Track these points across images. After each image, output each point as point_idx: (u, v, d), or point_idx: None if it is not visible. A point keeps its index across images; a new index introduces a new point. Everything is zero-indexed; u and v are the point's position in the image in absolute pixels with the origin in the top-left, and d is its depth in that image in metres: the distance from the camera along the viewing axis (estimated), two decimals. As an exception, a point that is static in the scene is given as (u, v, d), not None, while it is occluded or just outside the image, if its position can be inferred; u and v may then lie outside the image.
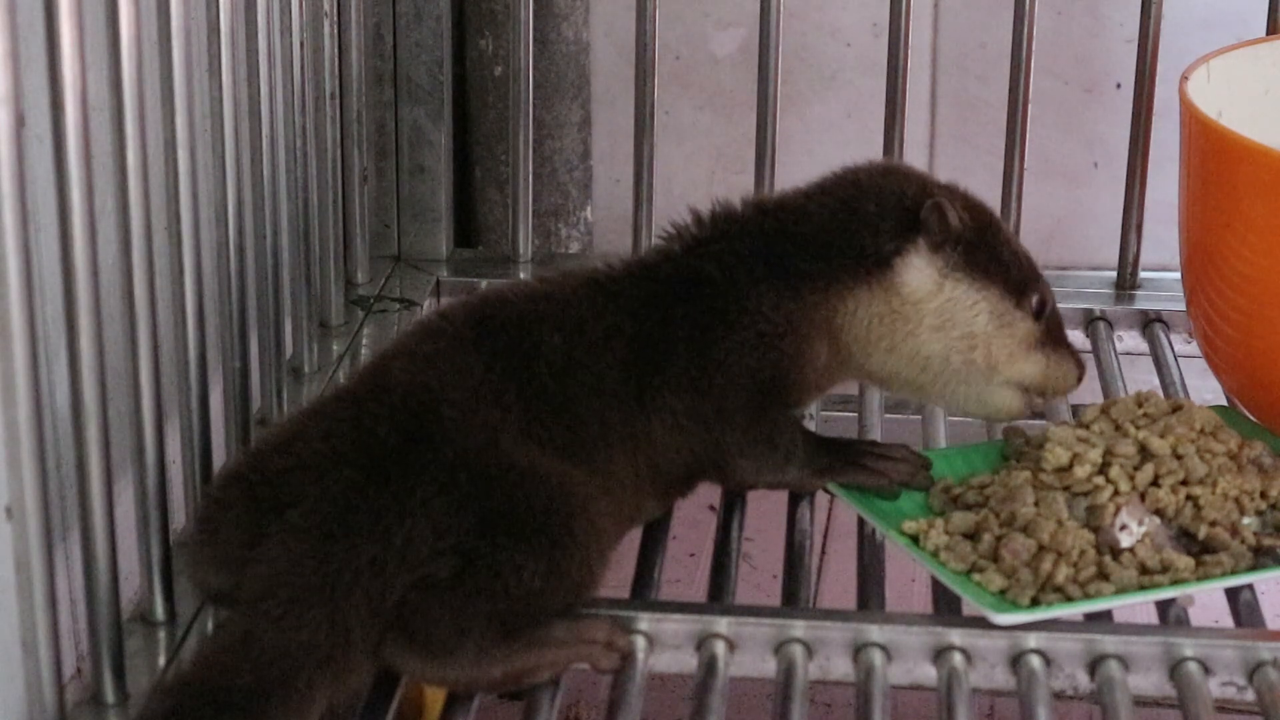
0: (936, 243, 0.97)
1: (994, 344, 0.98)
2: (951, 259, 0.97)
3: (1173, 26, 1.29)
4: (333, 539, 0.81)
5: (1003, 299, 0.98)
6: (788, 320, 0.95)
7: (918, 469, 0.98)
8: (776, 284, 0.96)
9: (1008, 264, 0.98)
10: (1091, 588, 0.88)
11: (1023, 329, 0.98)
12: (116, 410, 0.86)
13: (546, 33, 1.43)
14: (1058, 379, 1.00)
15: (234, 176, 1.01)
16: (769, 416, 0.95)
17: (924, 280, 0.97)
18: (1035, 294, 0.99)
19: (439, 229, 1.39)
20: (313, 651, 0.79)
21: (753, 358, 0.94)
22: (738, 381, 0.94)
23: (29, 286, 0.75)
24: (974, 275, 0.97)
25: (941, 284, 0.97)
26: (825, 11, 1.45)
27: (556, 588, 0.84)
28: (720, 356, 0.94)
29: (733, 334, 0.94)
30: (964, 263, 0.97)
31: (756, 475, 0.97)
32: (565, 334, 0.92)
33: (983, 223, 0.99)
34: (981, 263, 0.98)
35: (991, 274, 0.98)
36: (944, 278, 0.97)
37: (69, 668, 0.91)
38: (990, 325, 0.98)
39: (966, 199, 1.00)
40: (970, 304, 0.97)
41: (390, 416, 0.86)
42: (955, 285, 0.97)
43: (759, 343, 0.95)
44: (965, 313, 0.97)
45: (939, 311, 0.97)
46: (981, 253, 0.98)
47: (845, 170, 1.01)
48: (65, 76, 0.77)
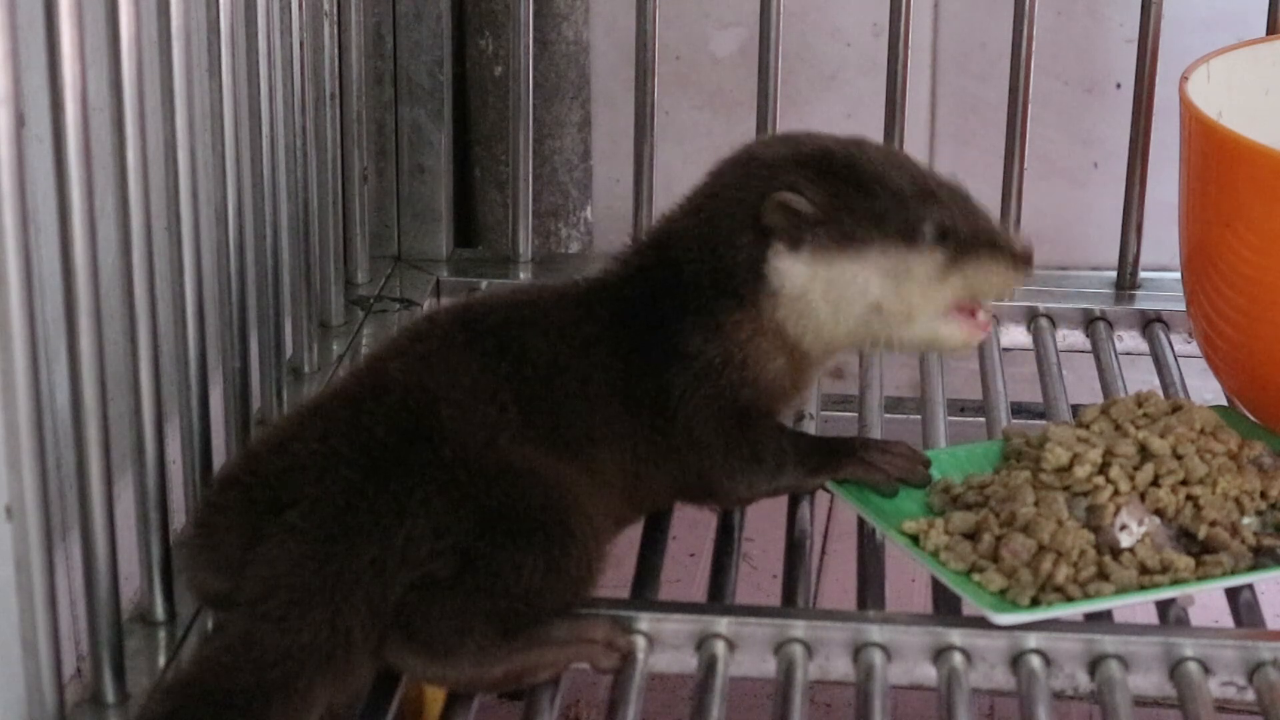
0: (791, 238, 0.93)
1: (899, 297, 0.94)
2: (815, 244, 0.93)
3: (1173, 26, 1.29)
4: (332, 540, 0.81)
5: (886, 252, 0.93)
6: (722, 350, 0.94)
7: (916, 465, 0.98)
8: (696, 317, 0.94)
9: (882, 214, 0.93)
10: (1091, 588, 0.88)
11: (923, 267, 0.93)
12: (116, 410, 0.86)
13: (546, 33, 1.43)
14: (989, 285, 0.95)
15: (234, 176, 1.01)
16: (747, 436, 0.95)
17: (796, 277, 0.93)
18: (925, 223, 0.93)
19: (439, 229, 1.39)
20: (313, 652, 0.79)
21: (706, 388, 0.94)
22: (702, 413, 0.94)
23: (29, 286, 0.75)
24: (845, 248, 0.93)
25: (815, 273, 0.93)
26: (825, 11, 1.45)
27: (556, 586, 0.84)
28: (679, 390, 0.93)
29: (683, 367, 0.93)
30: (829, 241, 0.93)
31: (751, 491, 0.96)
32: (550, 338, 0.92)
33: (845, 184, 0.93)
34: (849, 229, 0.93)
35: (865, 235, 0.93)
36: (815, 266, 0.93)
37: (69, 668, 0.91)
38: (885, 285, 0.93)
39: (827, 161, 0.94)
40: (851, 279, 0.93)
41: (388, 416, 0.86)
42: (830, 268, 0.93)
43: (707, 373, 0.94)
44: (853, 287, 0.93)
45: (828, 297, 0.94)
46: (846, 220, 0.93)
47: (713, 172, 0.98)
48: (65, 76, 0.77)
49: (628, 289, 0.96)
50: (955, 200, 0.95)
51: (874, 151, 0.96)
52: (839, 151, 0.95)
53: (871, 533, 0.97)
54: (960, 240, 0.94)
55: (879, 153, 0.96)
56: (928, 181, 0.95)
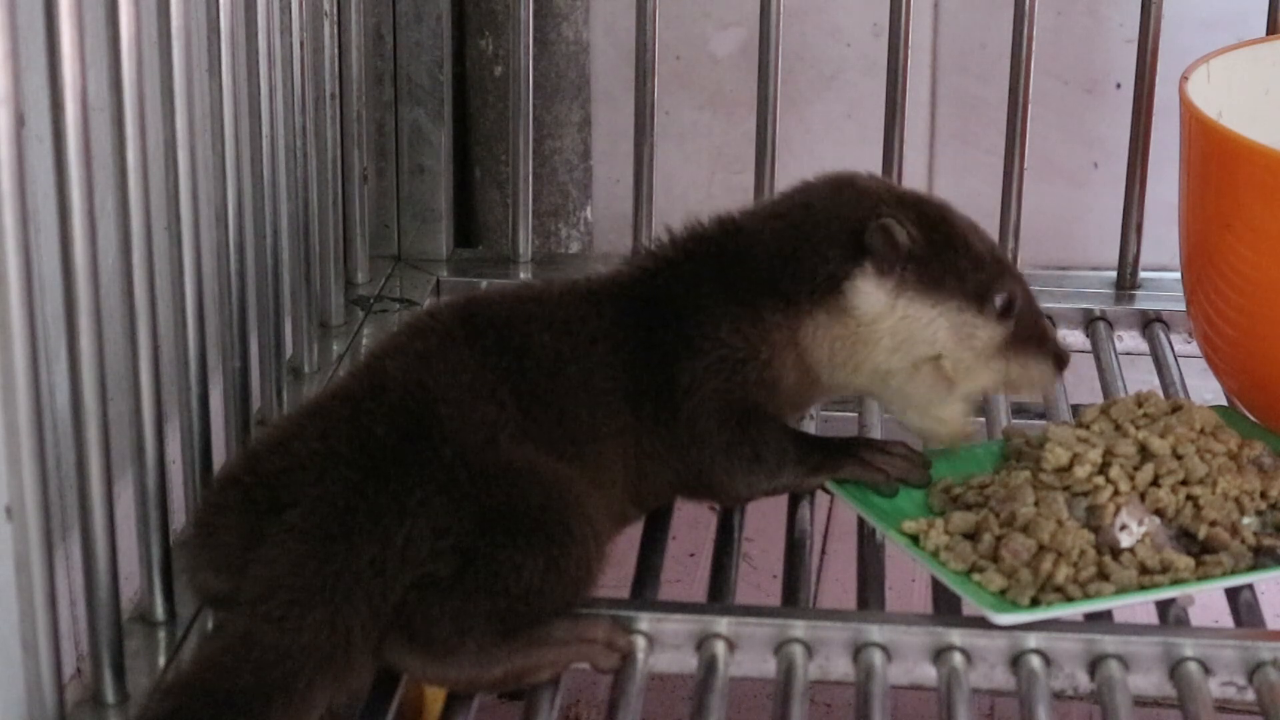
0: (884, 264, 0.94)
1: (955, 357, 0.96)
2: (902, 278, 0.95)
3: (1173, 26, 1.29)
4: (332, 540, 0.81)
5: (962, 310, 0.95)
6: (749, 344, 0.95)
7: (915, 465, 0.98)
8: (737, 308, 0.95)
9: (964, 272, 0.95)
10: (1091, 588, 0.88)
11: (985, 335, 0.96)
12: (116, 410, 0.86)
13: (546, 33, 1.43)
14: (1027, 381, 0.98)
15: (234, 176, 1.01)
16: (749, 433, 0.95)
17: (874, 303, 0.95)
18: (999, 294, 0.96)
19: (439, 229, 1.39)
20: (313, 653, 0.79)
21: (718, 381, 0.94)
22: (707, 406, 0.94)
23: (29, 286, 0.75)
24: (927, 291, 0.95)
25: (894, 305, 0.95)
26: (825, 11, 1.45)
27: (556, 585, 0.84)
28: (686, 382, 0.94)
29: (696, 359, 0.94)
30: (916, 280, 0.95)
31: (750, 489, 0.97)
32: (553, 333, 0.92)
33: (937, 233, 0.96)
34: (935, 276, 0.95)
35: (947, 286, 0.95)
36: (895, 298, 0.95)
37: (69, 668, 0.91)
38: (950, 339, 0.96)
39: (922, 207, 0.97)
40: (926, 322, 0.95)
41: (388, 416, 0.86)
42: (908, 304, 0.95)
43: (721, 367, 0.94)
44: (922, 331, 0.95)
45: (894, 331, 0.95)
46: (935, 266, 0.95)
47: (801, 187, 1.00)
48: (65, 76, 0.77)
49: (655, 281, 0.96)
50: (1021, 283, 0.98)
51: (959, 214, 0.99)
52: (932, 202, 0.98)
53: (871, 533, 0.97)
54: (1023, 323, 0.97)
55: (963, 217, 0.99)
56: (1002, 256, 0.99)
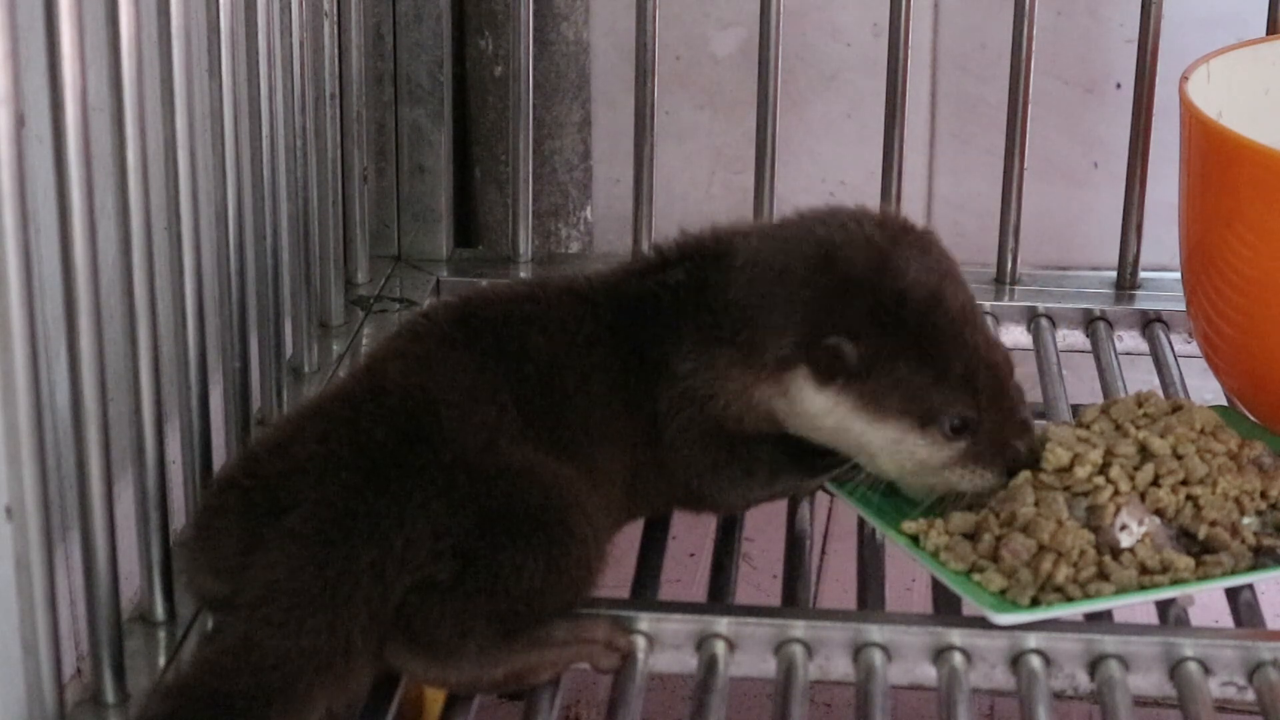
0: (826, 379, 0.90)
1: (893, 464, 0.92)
2: (841, 390, 0.90)
3: (1173, 26, 1.29)
4: (332, 543, 0.81)
5: (902, 430, 0.91)
6: (708, 386, 0.92)
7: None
8: (700, 348, 0.92)
9: (916, 391, 0.90)
10: (1091, 588, 0.88)
11: (927, 453, 0.91)
12: (116, 410, 0.86)
13: (546, 33, 1.42)
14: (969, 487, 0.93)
15: (234, 176, 1.01)
16: (736, 452, 0.94)
17: (812, 404, 0.91)
18: (950, 417, 0.90)
19: (439, 229, 1.39)
20: (313, 656, 0.79)
21: (691, 410, 0.93)
22: (687, 433, 0.93)
23: (29, 286, 0.75)
24: (868, 410, 0.90)
25: (831, 412, 0.91)
26: (825, 11, 1.45)
27: (556, 586, 0.84)
28: (665, 407, 0.93)
29: (671, 386, 0.93)
30: (855, 398, 0.90)
31: (747, 499, 0.97)
32: (549, 335, 0.91)
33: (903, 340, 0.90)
34: (879, 396, 0.90)
35: (889, 406, 0.90)
36: (834, 408, 0.91)
37: (69, 668, 0.91)
38: (886, 451, 0.92)
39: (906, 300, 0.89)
40: (859, 435, 0.91)
41: (387, 418, 0.86)
42: (845, 417, 0.91)
43: (691, 397, 0.92)
44: (857, 439, 0.92)
45: (833, 431, 0.92)
46: (883, 384, 0.90)
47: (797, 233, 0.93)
48: (65, 76, 0.77)
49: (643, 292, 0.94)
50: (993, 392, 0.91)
51: (949, 309, 0.91)
52: (914, 304, 0.90)
53: (871, 533, 0.97)
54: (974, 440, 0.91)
55: (953, 313, 0.91)
56: (977, 366, 0.91)
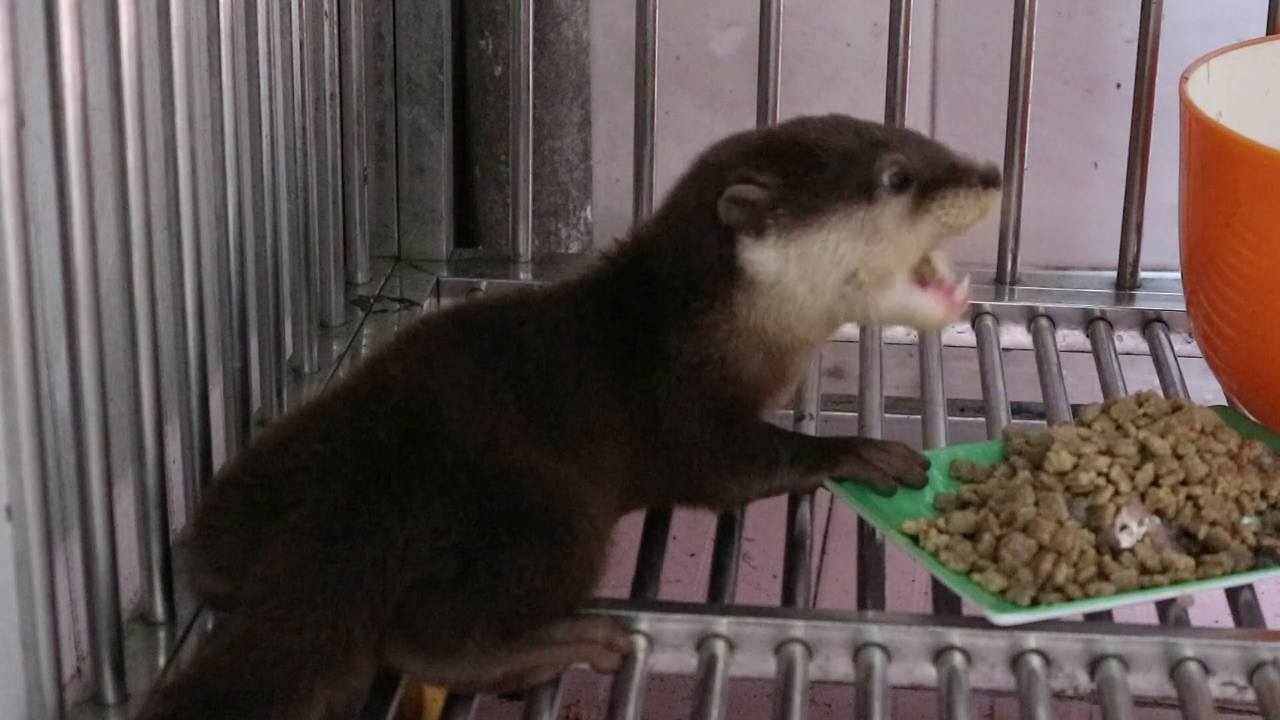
0: (755, 227, 0.92)
1: (873, 258, 0.93)
2: (779, 226, 0.92)
3: (1173, 26, 1.29)
4: (334, 541, 0.81)
5: (850, 214, 0.92)
6: (699, 349, 0.94)
7: (914, 464, 0.98)
8: (675, 320, 0.94)
9: (836, 178, 0.92)
10: (1091, 588, 0.88)
11: (889, 216, 0.92)
12: (116, 410, 0.86)
13: (546, 33, 1.43)
14: (962, 214, 0.93)
15: (234, 176, 1.01)
16: (734, 435, 0.95)
17: (769, 263, 0.93)
18: (884, 173, 0.92)
19: (439, 229, 1.39)
20: (314, 653, 0.79)
21: (691, 389, 0.94)
22: (687, 414, 0.94)
23: (29, 286, 0.75)
24: (808, 221, 0.92)
25: (786, 253, 0.92)
26: (825, 11, 1.45)
27: (557, 586, 0.84)
28: (664, 393, 0.94)
29: (668, 370, 0.94)
30: (791, 219, 0.92)
31: (744, 491, 0.97)
32: (545, 335, 0.92)
33: (795, 156, 0.93)
34: (808, 202, 0.92)
35: (824, 203, 0.92)
36: (785, 247, 0.92)
37: (69, 668, 0.91)
38: (856, 248, 0.92)
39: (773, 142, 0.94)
40: (821, 249, 0.92)
41: (390, 417, 0.86)
42: (798, 245, 0.92)
43: (686, 377, 0.94)
44: (825, 258, 0.92)
45: (804, 276, 0.93)
46: (804, 192, 0.92)
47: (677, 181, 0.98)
48: (65, 76, 0.77)
49: (610, 290, 0.96)
50: (909, 144, 0.94)
51: (816, 123, 0.96)
52: (780, 133, 0.96)
53: (871, 533, 0.97)
54: (921, 181, 0.93)
55: (821, 122, 0.96)
56: (876, 134, 0.94)
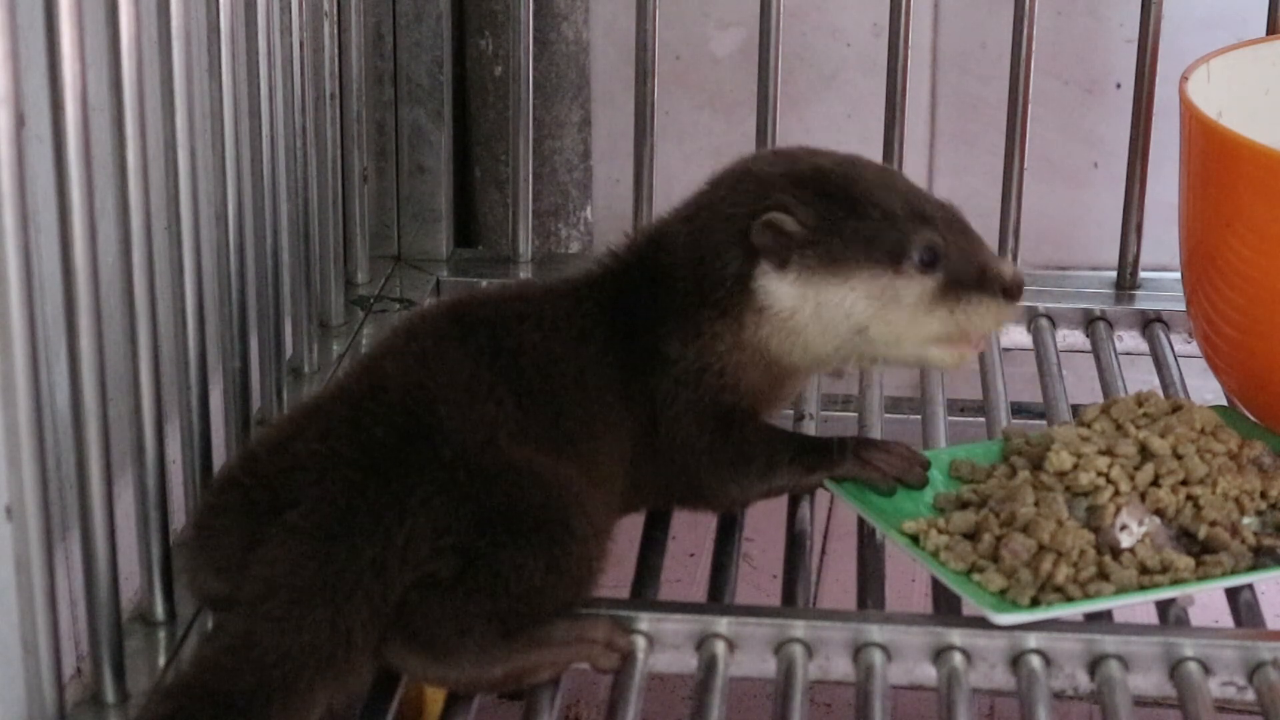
0: (779, 258, 0.92)
1: (885, 323, 0.93)
2: (803, 264, 0.92)
3: (1173, 26, 1.29)
4: (334, 540, 0.81)
5: (875, 276, 0.92)
6: (699, 356, 0.94)
7: (913, 465, 0.98)
8: (678, 321, 0.94)
9: (873, 236, 0.92)
10: (1091, 588, 0.88)
11: (911, 293, 0.92)
12: (116, 410, 0.86)
13: (546, 33, 1.43)
14: (975, 322, 0.94)
15: (234, 176, 1.01)
16: (731, 437, 0.95)
17: (784, 297, 0.93)
18: (916, 249, 0.92)
19: (439, 229, 1.39)
20: (314, 653, 0.79)
21: (688, 392, 0.94)
22: (684, 416, 0.94)
23: (29, 286, 0.75)
24: (833, 271, 0.92)
25: (804, 295, 0.92)
26: (825, 11, 1.45)
27: (557, 585, 0.84)
28: (661, 396, 0.94)
29: (665, 373, 0.94)
30: (818, 262, 0.92)
31: (744, 492, 0.96)
32: (543, 331, 0.92)
33: (838, 202, 0.93)
34: (839, 252, 0.92)
35: (853, 258, 0.92)
36: (804, 286, 0.92)
37: (69, 668, 0.91)
38: (871, 308, 0.93)
39: (823, 179, 0.93)
40: (839, 300, 0.92)
41: (388, 416, 0.86)
42: (817, 290, 0.92)
43: (686, 379, 0.94)
44: (839, 310, 0.93)
45: (815, 317, 0.93)
46: (837, 241, 0.92)
47: (710, 182, 0.97)
48: (65, 76, 0.77)
49: (616, 287, 0.96)
50: (949, 225, 0.94)
51: (869, 172, 0.95)
52: (833, 170, 0.94)
53: (871, 533, 0.97)
54: (950, 268, 0.93)
55: (874, 173, 0.96)
56: (922, 204, 0.94)
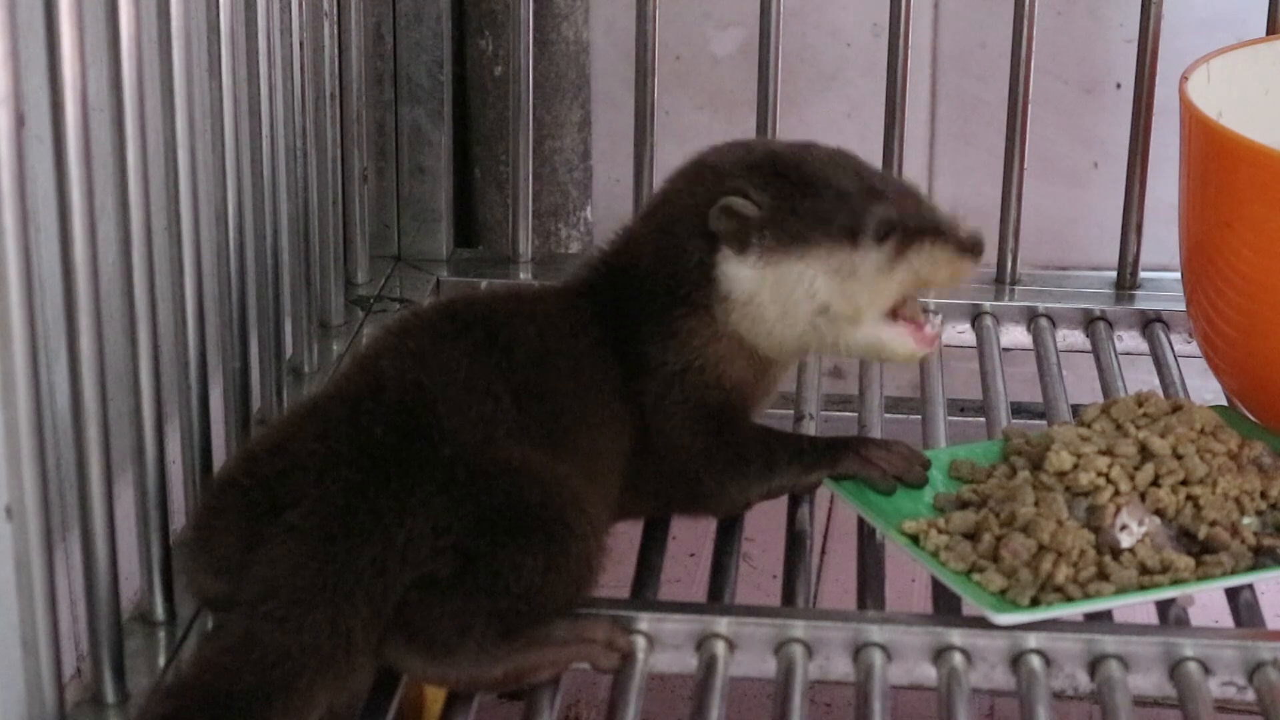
0: (738, 243, 0.93)
1: (844, 298, 0.94)
2: (762, 248, 0.93)
3: (1173, 26, 1.29)
4: (334, 540, 0.81)
5: (833, 252, 0.93)
6: (680, 356, 0.94)
7: (914, 463, 0.98)
8: (654, 322, 0.95)
9: (826, 213, 0.93)
10: (1091, 588, 0.88)
11: (868, 263, 0.93)
12: (116, 410, 0.86)
13: (546, 33, 1.43)
14: (932, 272, 0.95)
15: (234, 176, 1.01)
16: (726, 439, 0.95)
17: (744, 281, 0.94)
18: (869, 221, 0.93)
19: (439, 229, 1.39)
20: (315, 653, 0.79)
21: (673, 396, 0.94)
22: (673, 419, 0.94)
23: (29, 286, 0.75)
24: (791, 250, 0.93)
25: (763, 276, 0.93)
26: (825, 11, 1.45)
27: (556, 583, 0.84)
28: (649, 400, 0.94)
29: (648, 381, 0.94)
30: (776, 244, 0.93)
31: (744, 494, 0.97)
32: (538, 325, 0.92)
33: (792, 185, 0.94)
34: (796, 232, 0.93)
35: (810, 236, 0.93)
36: (763, 269, 0.93)
37: (69, 668, 0.91)
38: (831, 285, 0.93)
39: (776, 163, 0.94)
40: (797, 279, 0.93)
41: (386, 415, 0.86)
42: (776, 270, 0.93)
43: (669, 384, 0.94)
44: (799, 288, 0.93)
45: (776, 299, 0.94)
46: (793, 220, 0.93)
47: (668, 178, 0.98)
48: (65, 76, 0.77)
49: (599, 291, 0.96)
50: (902, 196, 0.95)
51: (821, 153, 0.96)
52: (785, 155, 0.96)
53: (871, 533, 0.97)
54: (905, 233, 0.94)
55: (826, 154, 0.97)
56: (873, 180, 0.96)
